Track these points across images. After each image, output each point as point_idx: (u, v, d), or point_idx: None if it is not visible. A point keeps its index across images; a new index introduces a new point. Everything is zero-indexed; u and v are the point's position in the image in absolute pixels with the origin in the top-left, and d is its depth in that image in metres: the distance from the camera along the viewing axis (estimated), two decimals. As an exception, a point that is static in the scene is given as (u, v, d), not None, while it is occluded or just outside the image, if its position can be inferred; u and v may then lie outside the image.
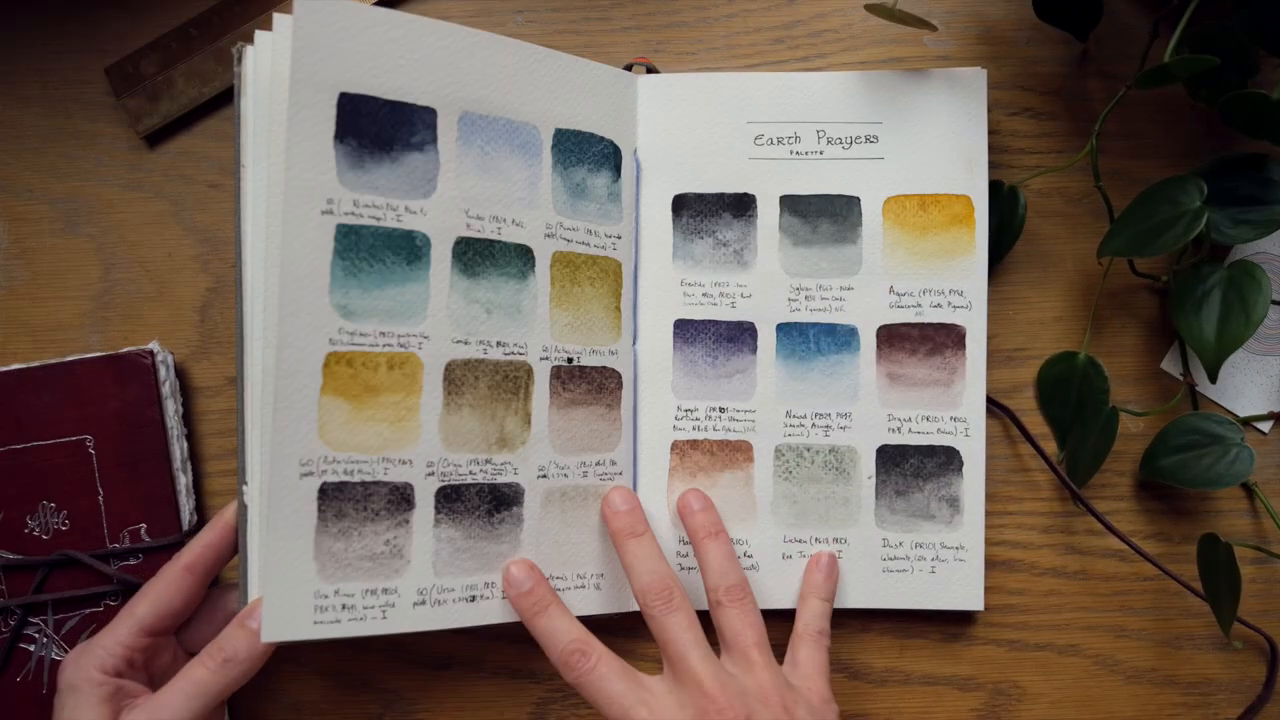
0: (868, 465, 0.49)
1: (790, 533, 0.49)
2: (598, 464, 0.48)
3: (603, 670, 0.41)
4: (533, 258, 0.46)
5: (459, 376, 0.44)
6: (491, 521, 0.45)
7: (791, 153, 0.49)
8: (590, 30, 0.52)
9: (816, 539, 0.49)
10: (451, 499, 0.44)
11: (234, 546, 0.44)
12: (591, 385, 0.48)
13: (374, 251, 0.43)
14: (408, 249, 0.43)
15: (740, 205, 0.49)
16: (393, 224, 0.43)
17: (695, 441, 0.49)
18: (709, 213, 0.49)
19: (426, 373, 0.44)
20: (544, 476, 0.46)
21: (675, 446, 0.49)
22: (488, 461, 0.45)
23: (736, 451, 0.49)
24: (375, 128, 0.43)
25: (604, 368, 0.48)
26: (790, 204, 0.49)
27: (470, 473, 0.45)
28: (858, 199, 0.49)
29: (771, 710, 0.40)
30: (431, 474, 0.44)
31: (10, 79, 0.51)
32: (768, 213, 0.49)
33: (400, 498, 0.43)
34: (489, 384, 0.45)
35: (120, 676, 0.41)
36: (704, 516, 0.47)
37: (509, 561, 0.45)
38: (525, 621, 0.44)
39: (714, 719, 0.39)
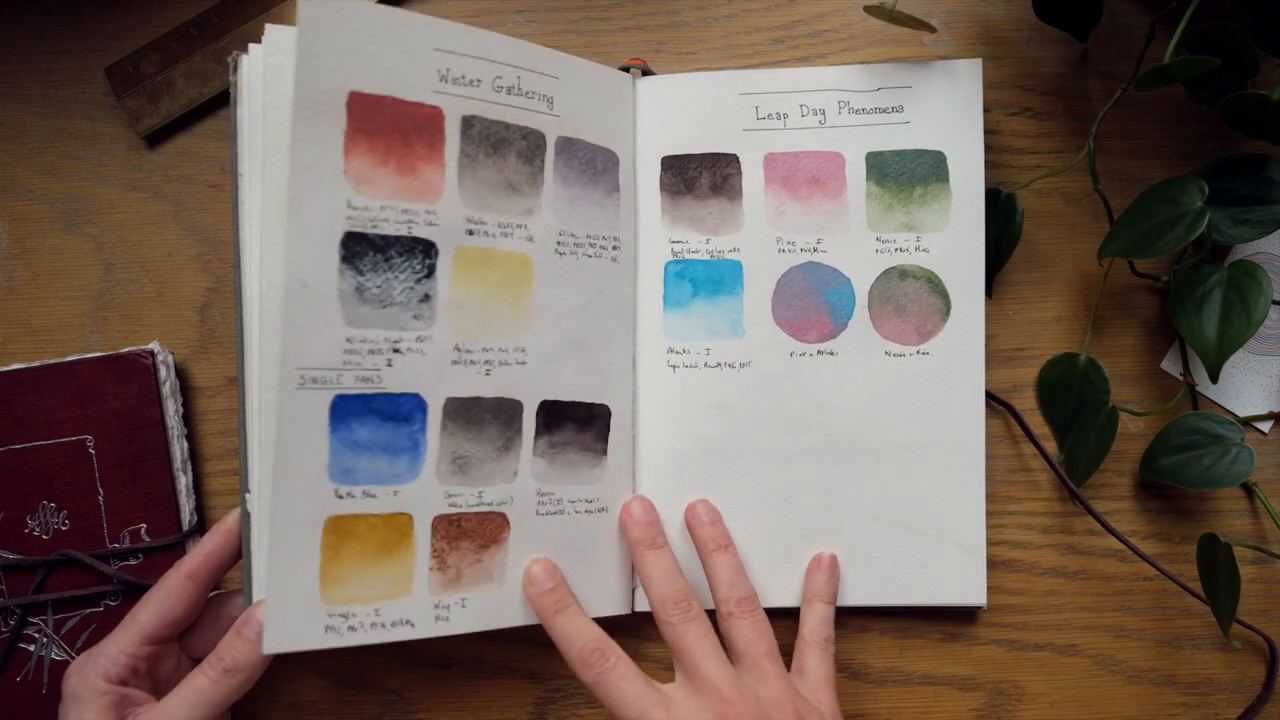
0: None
1: None
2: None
3: (621, 671, 0.41)
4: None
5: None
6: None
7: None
8: (590, 30, 0.52)
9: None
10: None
11: (236, 554, 0.44)
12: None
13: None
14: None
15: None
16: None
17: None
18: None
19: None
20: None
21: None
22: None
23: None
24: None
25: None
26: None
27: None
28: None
29: (786, 718, 0.41)
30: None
31: (10, 79, 0.51)
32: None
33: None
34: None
35: (124, 685, 0.41)
36: (713, 529, 0.47)
37: (530, 560, 0.45)
38: (544, 620, 0.44)
39: None
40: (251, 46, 0.43)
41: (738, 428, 0.49)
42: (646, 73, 0.50)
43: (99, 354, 0.48)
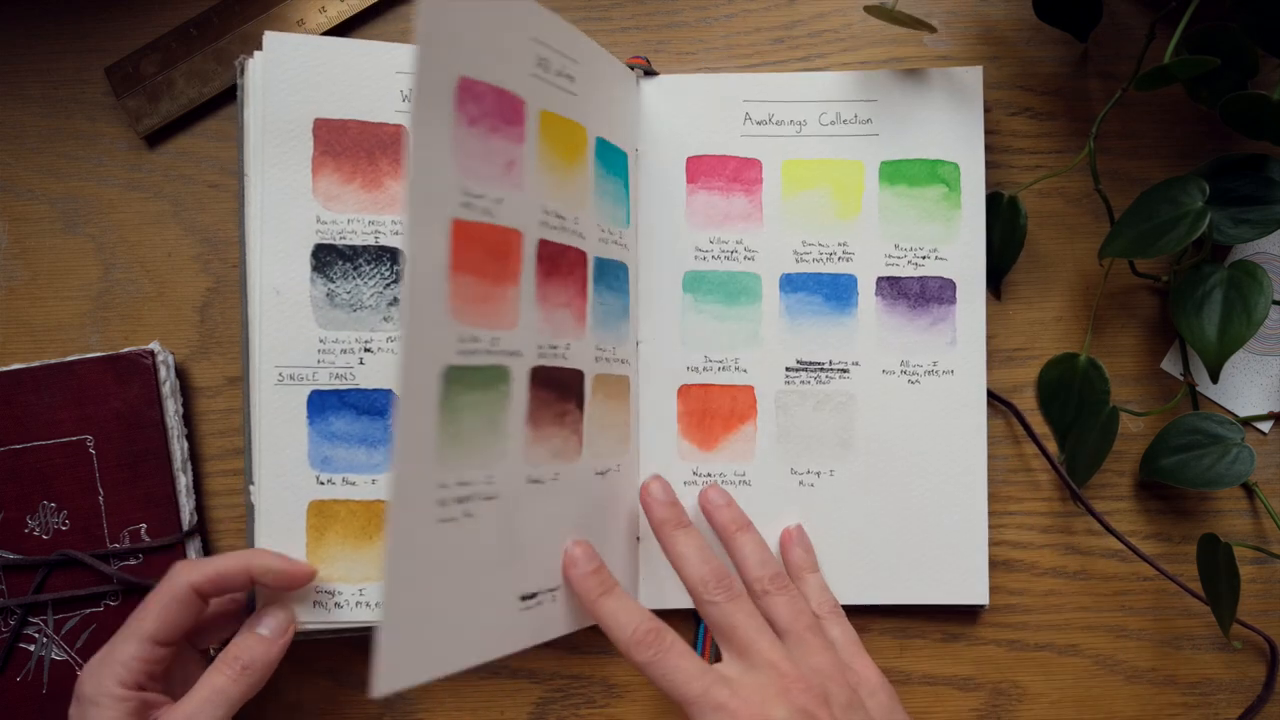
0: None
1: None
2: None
3: (679, 650, 0.40)
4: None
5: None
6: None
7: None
8: (590, 30, 0.52)
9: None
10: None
11: (247, 585, 0.43)
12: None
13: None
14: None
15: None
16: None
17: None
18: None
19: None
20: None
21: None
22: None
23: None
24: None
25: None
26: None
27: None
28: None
29: (841, 689, 0.41)
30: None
31: (10, 79, 0.51)
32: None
33: None
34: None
35: (142, 689, 0.41)
36: (730, 511, 0.47)
37: (569, 541, 0.44)
38: (588, 604, 0.42)
39: (797, 697, 0.39)
40: (256, 52, 0.45)
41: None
42: (649, 72, 0.50)
43: (99, 354, 0.48)
